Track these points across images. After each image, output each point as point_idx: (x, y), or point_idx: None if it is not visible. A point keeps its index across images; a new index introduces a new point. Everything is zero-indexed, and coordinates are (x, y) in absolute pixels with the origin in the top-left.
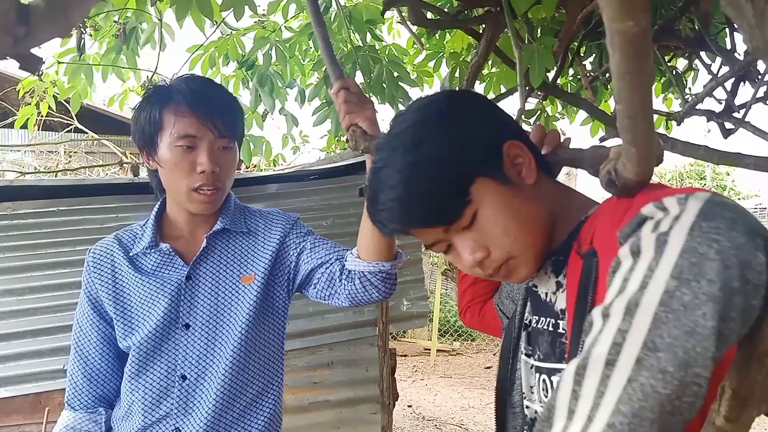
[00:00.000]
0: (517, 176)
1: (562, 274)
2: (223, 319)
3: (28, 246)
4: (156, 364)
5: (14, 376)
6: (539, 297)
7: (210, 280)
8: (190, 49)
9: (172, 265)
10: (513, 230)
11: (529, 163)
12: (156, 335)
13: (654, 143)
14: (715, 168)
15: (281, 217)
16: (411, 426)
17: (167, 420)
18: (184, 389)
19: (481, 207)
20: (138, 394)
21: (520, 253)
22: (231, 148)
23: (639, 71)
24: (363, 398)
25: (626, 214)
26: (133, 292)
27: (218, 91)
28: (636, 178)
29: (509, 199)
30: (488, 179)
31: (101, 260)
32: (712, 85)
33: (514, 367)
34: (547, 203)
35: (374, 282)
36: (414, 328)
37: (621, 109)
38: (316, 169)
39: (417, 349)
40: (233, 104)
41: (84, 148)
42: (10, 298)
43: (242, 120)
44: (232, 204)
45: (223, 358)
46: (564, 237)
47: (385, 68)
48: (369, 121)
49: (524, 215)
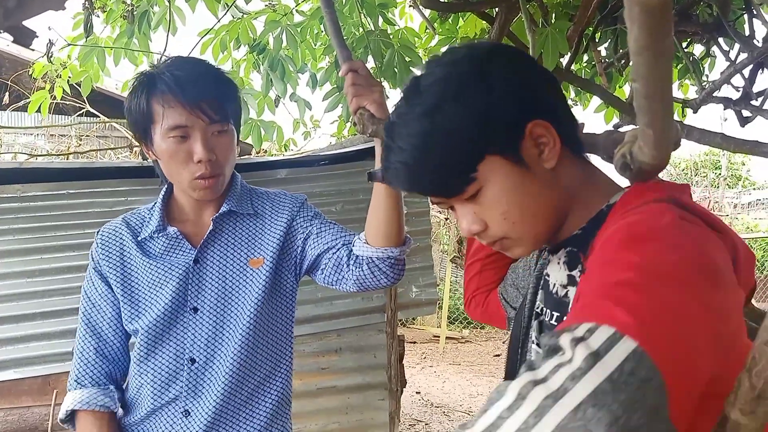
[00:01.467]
0: (536, 157)
1: (576, 269)
2: (231, 303)
3: (38, 228)
4: (164, 347)
5: (23, 358)
6: (549, 287)
7: (218, 263)
8: (200, 33)
9: (179, 248)
10: (513, 216)
11: (553, 145)
12: (164, 319)
13: (672, 125)
14: (731, 157)
15: (288, 198)
16: (419, 413)
17: (176, 403)
18: (194, 372)
19: (485, 186)
20: (147, 377)
21: (517, 237)
22: (226, 132)
23: (658, 46)
24: (371, 384)
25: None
26: (140, 275)
27: (205, 73)
28: (652, 161)
29: (517, 184)
30: (500, 158)
31: (110, 242)
32: (729, 71)
33: (523, 358)
34: (565, 188)
35: (382, 268)
36: (423, 315)
37: (638, 88)
38: (326, 155)
39: (426, 336)
40: (223, 85)
41: (96, 131)
42: (19, 280)
43: (236, 99)
44: (239, 186)
45: (231, 342)
46: (582, 223)
47: (396, 53)
48: (377, 104)
49: (529, 202)
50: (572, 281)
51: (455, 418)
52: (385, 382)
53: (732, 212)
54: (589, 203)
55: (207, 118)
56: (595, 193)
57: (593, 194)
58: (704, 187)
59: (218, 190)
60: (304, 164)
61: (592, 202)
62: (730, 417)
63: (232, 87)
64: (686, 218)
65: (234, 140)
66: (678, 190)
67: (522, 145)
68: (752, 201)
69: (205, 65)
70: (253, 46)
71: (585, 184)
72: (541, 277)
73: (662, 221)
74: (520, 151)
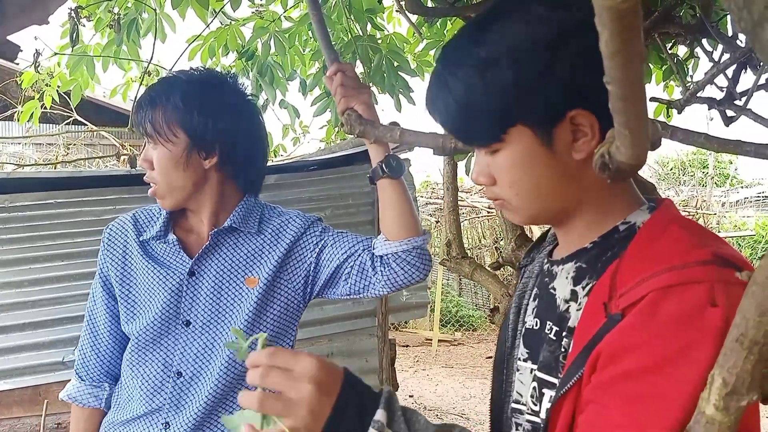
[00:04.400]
0: (568, 144)
1: (580, 285)
2: (223, 320)
3: (26, 238)
4: (153, 357)
5: (14, 369)
6: (555, 301)
7: (213, 278)
8: (189, 40)
9: (176, 257)
10: (519, 188)
11: (590, 138)
12: (155, 328)
13: (647, 125)
14: (718, 157)
15: (299, 218)
16: None
17: (159, 414)
18: (178, 386)
19: (507, 149)
20: (135, 382)
21: (515, 207)
22: (157, 147)
23: (629, 50)
24: None
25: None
26: (139, 276)
27: (158, 86)
28: (629, 160)
29: (536, 161)
30: (530, 131)
31: (114, 239)
32: (713, 72)
33: (508, 377)
34: (584, 186)
35: (411, 260)
36: (414, 318)
37: (612, 90)
38: (315, 160)
39: (418, 339)
40: (168, 99)
41: (84, 140)
42: (8, 290)
43: (189, 114)
44: (248, 202)
45: (220, 359)
46: (594, 236)
47: (384, 58)
48: (365, 105)
49: (541, 183)
50: (574, 296)
51: (448, 421)
52: (377, 386)
53: (720, 210)
54: (605, 214)
55: (140, 128)
56: (614, 206)
57: (612, 206)
58: (692, 186)
59: (160, 197)
60: (293, 170)
61: (608, 213)
62: (705, 413)
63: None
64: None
65: (168, 158)
66: (715, 239)
67: (557, 128)
68: (740, 199)
69: (176, 79)
70: (241, 53)
71: (608, 193)
72: (523, 297)
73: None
74: (553, 131)
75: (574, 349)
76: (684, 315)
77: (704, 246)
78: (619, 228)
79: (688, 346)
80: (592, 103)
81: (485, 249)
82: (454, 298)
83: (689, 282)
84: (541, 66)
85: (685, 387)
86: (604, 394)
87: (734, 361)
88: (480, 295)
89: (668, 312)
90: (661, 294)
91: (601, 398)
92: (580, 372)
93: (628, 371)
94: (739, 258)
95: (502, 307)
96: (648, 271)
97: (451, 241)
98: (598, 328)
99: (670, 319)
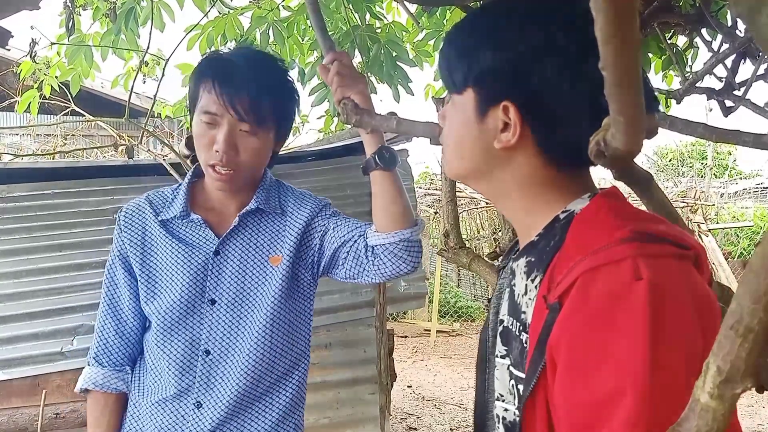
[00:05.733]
0: (495, 129)
1: (530, 279)
2: (249, 298)
3: (24, 229)
4: (179, 336)
5: (12, 359)
6: (515, 296)
7: (238, 257)
8: (186, 29)
9: (202, 236)
10: (449, 138)
11: (510, 136)
12: (180, 307)
13: (642, 112)
14: (717, 148)
15: (312, 199)
16: (411, 406)
17: (189, 394)
18: (207, 364)
19: (456, 101)
20: (163, 363)
21: (445, 156)
22: (257, 134)
23: (624, 35)
24: (361, 379)
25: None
26: (160, 255)
27: (254, 71)
28: (624, 147)
29: (466, 122)
30: (474, 96)
31: (132, 219)
32: (712, 62)
33: (490, 377)
34: (513, 173)
35: (398, 253)
36: (412, 308)
37: (607, 76)
38: (313, 150)
39: (417, 330)
40: (271, 89)
41: (82, 130)
42: (6, 281)
43: (284, 106)
44: (267, 181)
45: (249, 337)
46: (538, 229)
47: (383, 48)
48: (361, 95)
49: (464, 144)
50: (526, 291)
51: (446, 411)
52: (375, 376)
53: (718, 202)
54: (543, 201)
55: (236, 115)
56: (554, 194)
57: (551, 194)
58: (690, 177)
59: (232, 184)
60: (291, 160)
61: (547, 201)
62: (699, 401)
63: (284, 94)
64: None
65: (264, 146)
66: (641, 218)
67: (492, 108)
68: (738, 190)
69: (266, 64)
70: (240, 42)
71: (543, 183)
72: (501, 296)
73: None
74: (488, 108)
75: (530, 345)
76: (610, 294)
77: (626, 225)
78: (559, 217)
79: (621, 324)
80: (529, 107)
81: (483, 240)
82: (453, 289)
83: (611, 262)
84: (508, 50)
85: (630, 363)
86: (559, 389)
87: (729, 348)
88: (478, 286)
89: (596, 294)
90: (588, 277)
91: (560, 394)
92: (540, 367)
93: (574, 362)
94: (676, 234)
95: None
96: (578, 257)
97: (448, 232)
98: (543, 322)
99: (598, 301)
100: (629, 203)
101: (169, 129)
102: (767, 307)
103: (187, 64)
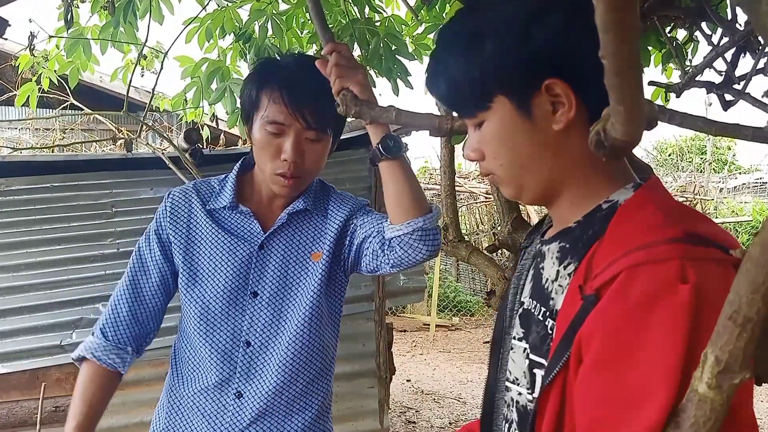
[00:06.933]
0: (548, 114)
1: (562, 266)
2: (291, 292)
3: (22, 222)
4: (221, 326)
5: (11, 352)
6: (542, 280)
7: (281, 253)
8: (185, 22)
9: (248, 229)
10: (501, 159)
11: (567, 109)
12: (223, 298)
13: (643, 102)
14: (716, 142)
15: (352, 201)
16: (410, 400)
17: (230, 383)
18: (248, 355)
19: (489, 120)
20: (206, 351)
21: (503, 179)
22: (320, 141)
23: (624, 23)
24: (360, 372)
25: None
26: (205, 243)
27: (317, 79)
28: (624, 137)
29: (513, 131)
30: (508, 101)
31: (179, 207)
32: (711, 56)
33: (504, 358)
34: (569, 158)
35: (412, 243)
36: (411, 302)
37: (607, 65)
38: None
39: (416, 324)
40: (327, 94)
41: (80, 124)
42: (5, 274)
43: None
44: (315, 183)
45: (288, 330)
46: (578, 215)
47: (382, 41)
48: (360, 86)
49: (521, 153)
50: (557, 277)
51: (445, 405)
52: (374, 369)
53: (718, 196)
54: (590, 192)
55: (305, 123)
56: (601, 184)
57: (597, 181)
58: (690, 171)
59: (296, 190)
60: None
61: (594, 191)
62: (697, 391)
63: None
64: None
65: (326, 151)
66: (689, 215)
67: (535, 98)
68: (738, 185)
69: (318, 70)
70: (239, 35)
71: (594, 171)
72: (521, 277)
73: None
74: (530, 102)
75: (557, 333)
76: (654, 293)
77: (676, 224)
78: (602, 206)
79: (661, 325)
80: (567, 74)
81: (483, 235)
82: (452, 284)
83: (658, 260)
84: (518, 38)
85: (664, 366)
86: (584, 382)
87: (727, 338)
88: (478, 281)
89: (638, 291)
90: (632, 273)
91: (584, 386)
92: (565, 357)
93: (605, 356)
94: (722, 237)
95: (499, 291)
96: (620, 250)
97: (447, 225)
98: (576, 312)
99: (640, 298)
100: (672, 196)
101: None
102: (766, 297)
103: (185, 56)
